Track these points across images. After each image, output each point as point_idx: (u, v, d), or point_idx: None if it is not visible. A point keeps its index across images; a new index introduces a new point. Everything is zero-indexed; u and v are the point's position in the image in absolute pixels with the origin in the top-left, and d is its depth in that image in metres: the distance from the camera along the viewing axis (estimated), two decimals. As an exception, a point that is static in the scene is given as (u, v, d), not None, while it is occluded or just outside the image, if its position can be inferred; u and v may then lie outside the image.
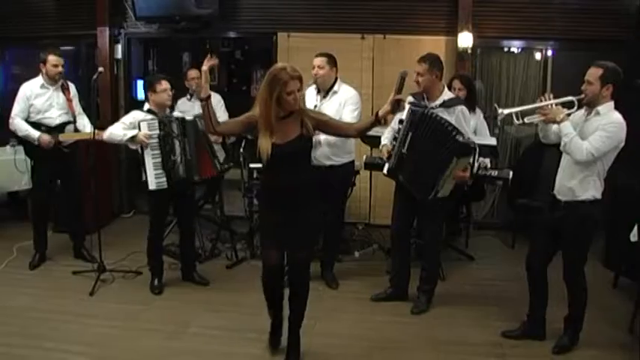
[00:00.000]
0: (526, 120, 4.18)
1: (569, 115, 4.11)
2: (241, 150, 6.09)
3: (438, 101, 4.85)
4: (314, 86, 5.36)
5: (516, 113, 4.16)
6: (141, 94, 8.46)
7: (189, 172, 5.27)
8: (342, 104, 5.28)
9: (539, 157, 6.59)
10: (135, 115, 5.22)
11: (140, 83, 8.86)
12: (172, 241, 5.80)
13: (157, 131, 5.12)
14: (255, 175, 6.18)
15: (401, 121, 4.82)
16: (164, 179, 5.13)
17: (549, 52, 7.28)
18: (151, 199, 5.31)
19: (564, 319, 4.42)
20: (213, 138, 5.72)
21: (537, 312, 4.50)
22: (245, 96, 10.62)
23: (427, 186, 4.67)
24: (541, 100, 4.16)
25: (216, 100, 7.01)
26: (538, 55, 7.38)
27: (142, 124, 5.09)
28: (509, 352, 4.40)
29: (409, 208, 5.05)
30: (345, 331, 4.67)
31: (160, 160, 5.13)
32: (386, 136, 5.10)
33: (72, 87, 5.92)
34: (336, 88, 5.33)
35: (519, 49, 7.38)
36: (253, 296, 5.25)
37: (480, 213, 7.70)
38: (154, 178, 5.10)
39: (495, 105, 4.23)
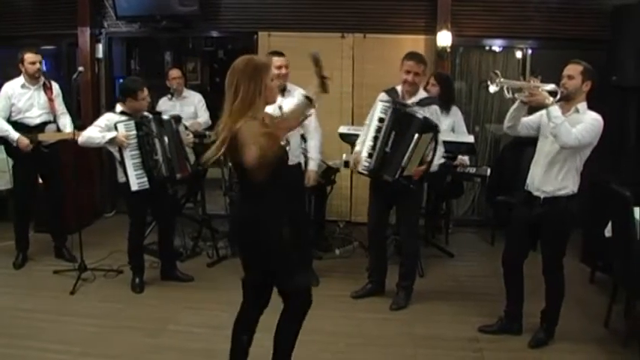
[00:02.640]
0: (516, 96, 4.21)
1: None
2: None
3: (415, 99, 4.95)
4: None
5: (508, 87, 4.19)
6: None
7: (171, 170, 5.30)
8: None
9: (519, 154, 6.64)
10: (109, 118, 5.19)
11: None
12: (154, 240, 5.81)
13: (134, 132, 5.12)
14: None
15: (381, 120, 4.88)
16: (145, 179, 5.14)
17: (528, 51, 7.36)
18: (129, 199, 5.30)
19: (541, 314, 4.50)
20: (189, 139, 5.72)
21: (514, 307, 4.57)
22: (228, 95, 10.63)
23: (395, 166, 4.76)
24: (529, 82, 4.19)
25: (197, 100, 7.04)
26: (517, 54, 7.47)
27: (118, 125, 5.08)
28: (487, 347, 4.45)
29: (384, 204, 5.14)
30: (325, 327, 4.70)
31: (140, 160, 5.13)
32: (361, 139, 5.12)
33: (55, 86, 5.91)
34: (288, 87, 5.36)
35: (499, 48, 7.46)
36: (234, 294, 5.27)
37: (459, 210, 7.77)
38: (135, 179, 5.10)
39: (497, 72, 4.23)
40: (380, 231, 5.24)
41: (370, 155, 4.91)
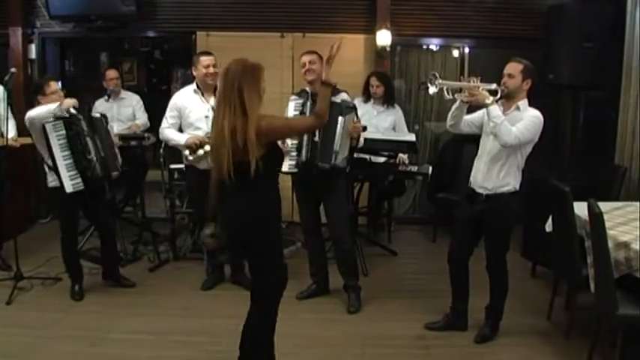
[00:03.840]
0: (456, 96, 4.24)
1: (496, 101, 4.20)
2: (161, 151, 6.00)
3: None
4: (193, 88, 5.30)
5: (447, 88, 4.21)
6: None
7: (105, 169, 5.14)
8: None
9: (458, 152, 6.75)
10: None
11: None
12: (93, 246, 5.65)
13: (64, 132, 4.90)
14: (175, 175, 6.10)
15: (302, 114, 4.91)
16: (79, 180, 4.95)
17: (466, 50, 7.47)
18: (60, 203, 5.11)
19: (485, 309, 4.55)
20: (115, 140, 5.58)
21: (459, 303, 4.61)
22: (165, 96, 10.45)
23: (329, 153, 4.79)
24: (469, 81, 4.22)
25: (135, 101, 6.91)
26: (455, 53, 7.56)
27: (46, 125, 4.82)
28: (433, 344, 4.49)
29: (312, 203, 5.16)
30: (271, 329, 4.68)
31: (72, 161, 4.93)
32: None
33: None
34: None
35: (437, 47, 7.55)
36: (177, 298, 5.25)
37: (401, 208, 7.82)
38: (69, 180, 4.89)
39: (436, 74, 4.25)
40: (314, 231, 5.25)
41: (298, 150, 4.89)
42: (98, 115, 5.35)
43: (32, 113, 4.84)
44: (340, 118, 4.74)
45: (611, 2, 6.14)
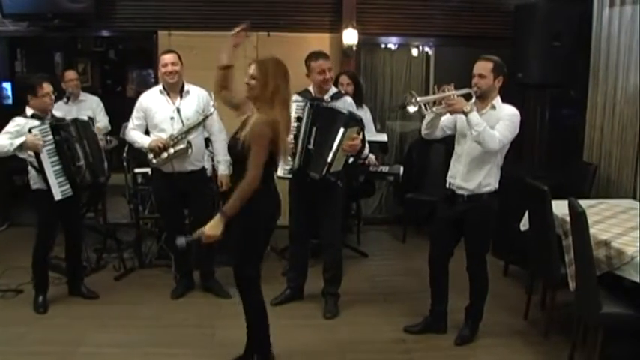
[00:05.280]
0: (434, 110, 4.17)
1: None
2: (124, 154, 5.81)
3: (328, 95, 4.91)
4: (159, 88, 5.15)
5: (425, 103, 4.13)
6: (8, 99, 7.86)
7: (94, 175, 5.00)
8: (203, 107, 5.14)
9: (426, 152, 6.73)
10: (19, 122, 4.70)
11: (7, 86, 8.27)
12: (56, 254, 5.40)
13: (51, 137, 4.69)
14: (140, 180, 5.90)
15: (298, 119, 4.75)
16: (68, 187, 4.76)
17: (432, 49, 7.46)
18: (43, 207, 4.85)
19: (465, 310, 4.52)
20: (102, 143, 5.41)
21: (439, 306, 4.56)
22: (120, 97, 10.27)
23: (321, 163, 4.66)
24: (443, 91, 4.14)
25: (96, 103, 6.71)
26: (420, 52, 7.55)
27: (33, 131, 4.60)
28: (414, 347, 4.44)
29: (306, 207, 5.00)
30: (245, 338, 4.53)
31: (60, 167, 4.73)
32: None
33: None
34: (186, 87, 5.16)
35: (402, 46, 7.53)
36: (146, 308, 5.08)
37: (368, 209, 7.77)
38: (57, 187, 4.70)
39: (413, 92, 4.17)
40: (303, 237, 5.12)
41: (292, 155, 4.76)
42: (86, 118, 5.19)
43: None
44: (342, 130, 4.58)
45: (578, 2, 6.18)
